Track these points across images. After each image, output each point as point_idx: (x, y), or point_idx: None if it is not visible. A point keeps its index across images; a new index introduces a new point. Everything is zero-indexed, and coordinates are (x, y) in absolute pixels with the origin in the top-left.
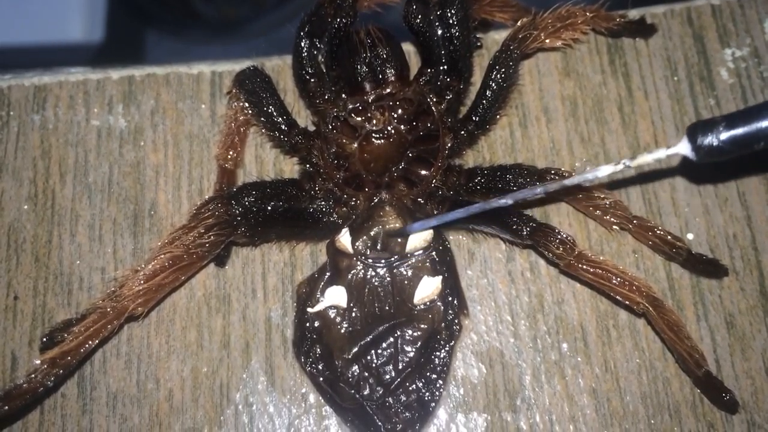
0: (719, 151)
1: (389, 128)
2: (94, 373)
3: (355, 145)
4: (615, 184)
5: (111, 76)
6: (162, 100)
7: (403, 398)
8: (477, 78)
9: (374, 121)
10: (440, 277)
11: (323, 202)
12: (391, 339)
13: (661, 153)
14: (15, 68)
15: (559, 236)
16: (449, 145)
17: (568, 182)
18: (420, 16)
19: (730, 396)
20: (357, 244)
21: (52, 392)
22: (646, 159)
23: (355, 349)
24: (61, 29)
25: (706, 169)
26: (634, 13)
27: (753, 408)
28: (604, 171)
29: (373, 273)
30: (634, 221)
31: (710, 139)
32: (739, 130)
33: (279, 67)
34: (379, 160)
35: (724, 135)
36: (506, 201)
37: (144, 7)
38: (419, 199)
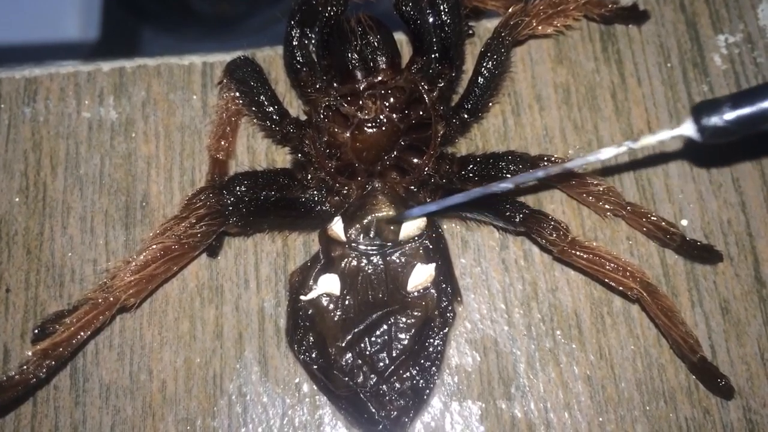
0: (724, 131)
1: (381, 117)
2: (87, 364)
3: (347, 134)
4: (608, 170)
5: (102, 68)
6: (153, 92)
7: (397, 386)
8: (469, 66)
9: (366, 110)
10: (434, 265)
11: (315, 192)
12: (385, 326)
13: (666, 134)
14: (7, 63)
15: (552, 222)
16: (441, 133)
17: (570, 164)
18: (411, 4)
19: (726, 382)
20: (350, 232)
21: (45, 384)
22: (650, 140)
23: (349, 337)
24: (57, 27)
25: (708, 150)
26: (626, 0)
27: (748, 394)
28: (607, 153)
29: (367, 261)
30: (628, 207)
31: (715, 120)
32: (746, 110)
33: (270, 58)
34: (372, 149)
35: (730, 115)
36: (507, 185)
37: (140, 4)
38: (412, 188)
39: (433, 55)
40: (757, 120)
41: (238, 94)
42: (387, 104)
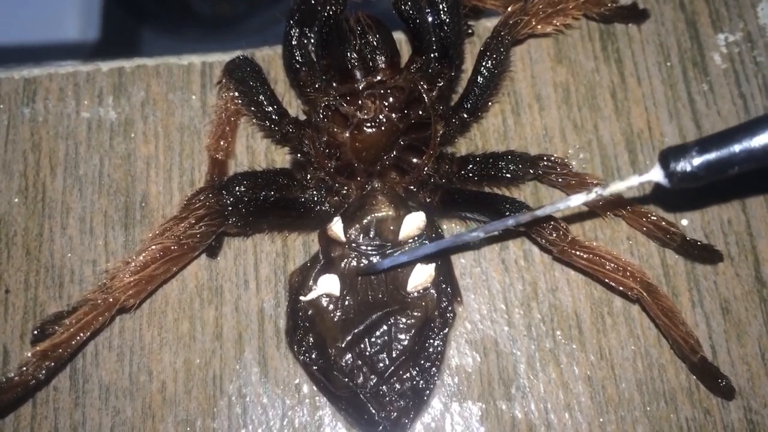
0: (693, 177)
1: (380, 117)
2: (87, 366)
3: (347, 134)
4: (608, 169)
5: (101, 68)
6: (152, 92)
7: (397, 386)
8: (468, 65)
9: (365, 110)
10: (433, 265)
11: (315, 192)
12: (385, 327)
13: (634, 180)
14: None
15: (551, 222)
16: (441, 132)
17: (539, 212)
18: (410, 3)
19: (726, 382)
20: (349, 232)
21: (44, 385)
22: (619, 187)
23: (349, 338)
24: (57, 27)
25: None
26: None
27: (749, 394)
28: (576, 200)
29: (366, 261)
30: (628, 207)
31: (683, 165)
32: (713, 155)
33: (269, 57)
34: (371, 149)
35: (698, 160)
36: (478, 234)
37: (140, 4)
38: (411, 187)
39: (432, 55)
40: (725, 164)
41: (237, 93)
42: (386, 104)
